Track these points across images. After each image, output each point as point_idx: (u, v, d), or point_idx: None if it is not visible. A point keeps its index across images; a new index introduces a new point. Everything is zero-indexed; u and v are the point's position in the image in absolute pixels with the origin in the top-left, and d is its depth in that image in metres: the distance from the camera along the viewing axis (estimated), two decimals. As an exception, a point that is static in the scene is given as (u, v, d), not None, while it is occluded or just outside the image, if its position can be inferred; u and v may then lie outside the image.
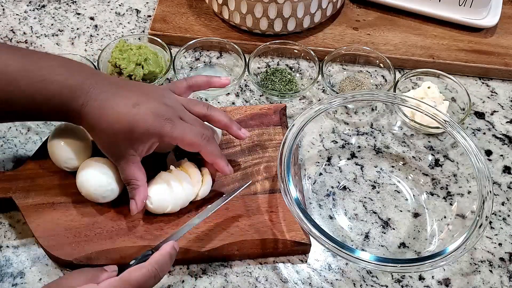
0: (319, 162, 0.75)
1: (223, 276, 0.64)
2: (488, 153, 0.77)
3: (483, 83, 0.86)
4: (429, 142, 0.78)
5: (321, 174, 0.74)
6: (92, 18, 0.94)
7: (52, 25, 0.92)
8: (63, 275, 0.63)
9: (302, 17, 0.85)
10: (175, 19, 0.90)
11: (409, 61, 0.86)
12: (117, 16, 0.94)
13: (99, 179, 0.63)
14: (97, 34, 0.91)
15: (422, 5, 0.90)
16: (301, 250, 0.66)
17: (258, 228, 0.65)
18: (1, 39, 0.90)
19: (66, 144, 0.65)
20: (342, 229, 0.69)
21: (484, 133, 0.79)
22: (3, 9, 0.94)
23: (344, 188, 0.73)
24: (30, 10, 0.94)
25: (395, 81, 0.80)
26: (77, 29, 0.92)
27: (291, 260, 0.66)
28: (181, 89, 0.67)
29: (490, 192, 0.62)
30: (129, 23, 0.93)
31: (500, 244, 0.68)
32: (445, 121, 0.69)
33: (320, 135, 0.78)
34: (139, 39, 0.87)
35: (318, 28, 0.90)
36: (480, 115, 0.82)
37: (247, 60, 0.82)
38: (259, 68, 0.86)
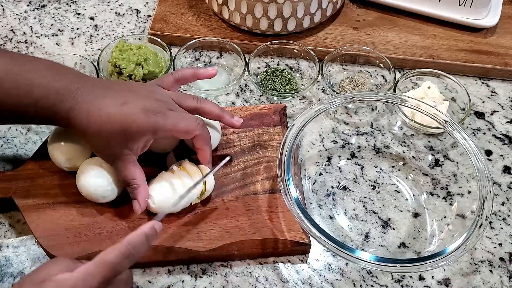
0: (319, 162, 0.75)
1: (223, 276, 0.64)
2: (488, 153, 0.77)
3: (483, 83, 0.86)
4: (429, 142, 0.78)
5: (321, 174, 0.74)
6: (92, 18, 0.94)
7: (52, 25, 0.92)
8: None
9: (302, 17, 0.85)
10: (175, 19, 0.90)
11: (409, 61, 0.86)
12: (117, 16, 0.94)
13: (99, 179, 0.63)
14: (97, 34, 0.91)
15: (422, 5, 0.90)
16: (301, 250, 0.66)
17: (258, 228, 0.65)
18: (1, 39, 0.90)
19: (66, 144, 0.65)
20: (342, 229, 0.69)
21: (484, 133, 0.79)
22: (3, 9, 0.94)
23: (344, 188, 0.73)
24: (30, 10, 0.94)
25: (395, 81, 0.80)
26: (77, 29, 0.92)
27: (291, 260, 0.66)
28: (168, 83, 0.67)
29: (490, 192, 0.62)
30: (129, 23, 0.93)
31: (500, 244, 0.68)
32: (445, 121, 0.69)
33: (320, 135, 0.78)
34: (139, 39, 0.87)
35: (318, 28, 0.90)
36: (480, 115, 0.82)
37: (247, 60, 0.82)
38: (259, 68, 0.86)
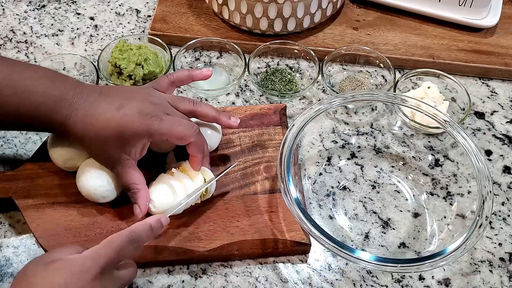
0: (319, 162, 0.75)
1: (223, 276, 0.64)
2: (488, 153, 0.77)
3: (483, 83, 0.86)
4: (429, 142, 0.78)
5: (321, 174, 0.74)
6: (92, 18, 0.94)
7: (52, 25, 0.92)
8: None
9: (302, 17, 0.85)
10: (175, 19, 0.90)
11: (409, 61, 0.86)
12: (117, 16, 0.94)
13: (99, 179, 0.63)
14: (97, 34, 0.91)
15: (422, 5, 0.90)
16: (301, 250, 0.66)
17: (258, 228, 0.65)
18: (1, 39, 0.90)
19: (66, 144, 0.65)
20: (342, 229, 0.69)
21: (484, 133, 0.79)
22: (3, 9, 0.94)
23: (344, 188, 0.73)
24: (30, 10, 0.94)
25: (395, 81, 0.80)
26: (77, 29, 0.92)
27: (291, 260, 0.66)
28: (164, 85, 0.67)
29: (490, 192, 0.62)
30: (129, 23, 0.93)
31: (500, 244, 0.68)
32: (445, 121, 0.69)
33: (320, 135, 0.78)
34: (139, 39, 0.87)
35: (318, 28, 0.89)
36: (480, 115, 0.82)
37: (247, 60, 0.82)
38: (259, 68, 0.86)
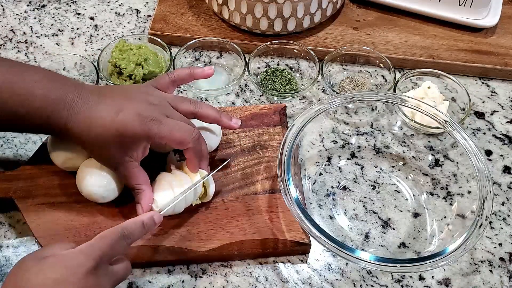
0: (319, 162, 0.75)
1: (223, 276, 0.64)
2: (488, 153, 0.77)
3: (483, 83, 0.86)
4: (429, 142, 0.78)
5: (321, 174, 0.74)
6: (92, 18, 0.94)
7: (52, 25, 0.92)
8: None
9: (302, 17, 0.85)
10: (175, 19, 0.90)
11: (409, 61, 0.86)
12: (117, 16, 0.94)
13: (99, 179, 0.63)
14: (97, 34, 0.91)
15: (422, 5, 0.90)
16: (301, 250, 0.66)
17: (258, 228, 0.65)
18: (1, 39, 0.90)
19: (66, 145, 0.65)
20: (342, 229, 0.69)
21: (484, 133, 0.79)
22: (3, 9, 0.94)
23: (344, 188, 0.73)
24: (30, 10, 0.94)
25: (395, 81, 0.80)
26: (77, 29, 0.92)
27: (291, 260, 0.66)
28: (164, 84, 0.66)
29: (490, 192, 0.62)
30: (129, 23, 0.93)
31: (500, 244, 0.68)
32: (445, 121, 0.69)
33: (320, 135, 0.78)
34: (139, 39, 0.87)
35: (318, 28, 0.89)
36: (480, 115, 0.82)
37: (247, 60, 0.82)
38: (259, 68, 0.86)
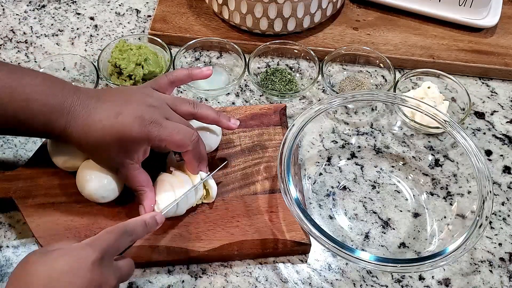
0: (319, 162, 0.75)
1: (223, 276, 0.64)
2: (488, 153, 0.77)
3: (483, 83, 0.86)
4: (429, 142, 0.78)
5: (321, 174, 0.74)
6: (92, 18, 0.94)
7: (52, 25, 0.92)
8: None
9: (302, 17, 0.85)
10: (175, 19, 0.90)
11: (409, 61, 0.86)
12: (117, 16, 0.94)
13: (99, 179, 0.63)
14: (97, 34, 0.91)
15: (422, 5, 0.90)
16: (301, 250, 0.66)
17: (258, 228, 0.65)
18: (1, 39, 0.90)
19: (66, 144, 0.65)
20: (342, 229, 0.69)
21: (484, 133, 0.79)
22: (3, 9, 0.94)
23: (344, 188, 0.73)
24: (30, 10, 0.94)
25: (395, 81, 0.80)
26: (77, 29, 0.92)
27: (291, 260, 0.66)
28: (163, 85, 0.66)
29: (490, 192, 0.62)
30: (129, 23, 0.93)
31: (500, 244, 0.68)
32: (445, 121, 0.69)
33: (320, 135, 0.78)
34: (139, 39, 0.87)
35: (318, 28, 0.89)
36: (480, 115, 0.82)
37: (247, 60, 0.82)
38: (259, 68, 0.86)
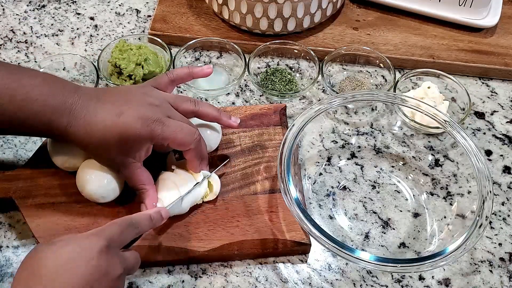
0: (319, 162, 0.75)
1: (223, 276, 0.64)
2: (488, 153, 0.77)
3: (483, 83, 0.86)
4: (429, 142, 0.78)
5: (321, 174, 0.74)
6: (92, 18, 0.94)
7: (52, 25, 0.92)
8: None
9: (302, 17, 0.85)
10: (175, 19, 0.90)
11: (409, 61, 0.86)
12: (117, 16, 0.94)
13: (99, 179, 0.63)
14: (97, 34, 0.91)
15: (422, 5, 0.90)
16: (301, 250, 0.66)
17: (258, 228, 0.65)
18: (1, 39, 0.90)
19: (66, 144, 0.65)
20: (342, 229, 0.69)
21: (484, 133, 0.79)
22: (3, 9, 0.94)
23: (344, 188, 0.73)
24: (30, 10, 0.94)
25: (395, 81, 0.80)
26: (77, 29, 0.92)
27: (291, 260, 0.66)
28: (163, 84, 0.66)
29: (490, 192, 0.62)
30: (129, 23, 0.93)
31: (500, 244, 0.68)
32: (445, 121, 0.69)
33: (320, 135, 0.78)
34: (139, 39, 0.87)
35: (318, 28, 0.89)
36: (480, 115, 0.82)
37: (247, 60, 0.82)
38: (259, 68, 0.86)
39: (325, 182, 0.73)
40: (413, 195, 0.72)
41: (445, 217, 0.70)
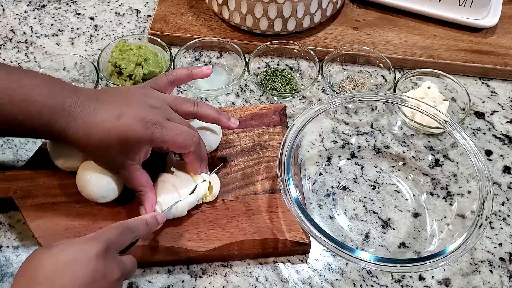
0: (319, 162, 0.75)
1: (223, 276, 0.64)
2: (488, 153, 0.77)
3: (483, 83, 0.86)
4: (429, 142, 0.78)
5: (321, 174, 0.74)
6: (92, 18, 0.94)
7: (52, 25, 0.92)
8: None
9: (302, 17, 0.85)
10: (175, 19, 0.90)
11: (409, 61, 0.86)
12: (117, 16, 0.94)
13: (99, 179, 0.63)
14: (97, 34, 0.91)
15: (422, 5, 0.90)
16: (301, 250, 0.66)
17: (258, 228, 0.65)
18: (1, 39, 0.90)
19: (66, 145, 0.65)
20: (342, 229, 0.69)
21: (484, 133, 0.79)
22: (3, 9, 0.94)
23: (344, 188, 0.73)
24: (30, 10, 0.94)
25: (395, 81, 0.80)
26: (77, 29, 0.92)
27: (291, 260, 0.66)
28: (162, 85, 0.65)
29: (490, 192, 0.62)
30: (129, 23, 0.93)
31: (500, 244, 0.68)
32: (445, 121, 0.69)
33: (320, 135, 0.78)
34: (139, 39, 0.87)
35: (318, 28, 0.89)
36: (480, 115, 0.82)
37: (247, 60, 0.82)
38: (259, 68, 0.86)
39: (325, 182, 0.73)
40: (413, 195, 0.72)
41: (445, 217, 0.70)
